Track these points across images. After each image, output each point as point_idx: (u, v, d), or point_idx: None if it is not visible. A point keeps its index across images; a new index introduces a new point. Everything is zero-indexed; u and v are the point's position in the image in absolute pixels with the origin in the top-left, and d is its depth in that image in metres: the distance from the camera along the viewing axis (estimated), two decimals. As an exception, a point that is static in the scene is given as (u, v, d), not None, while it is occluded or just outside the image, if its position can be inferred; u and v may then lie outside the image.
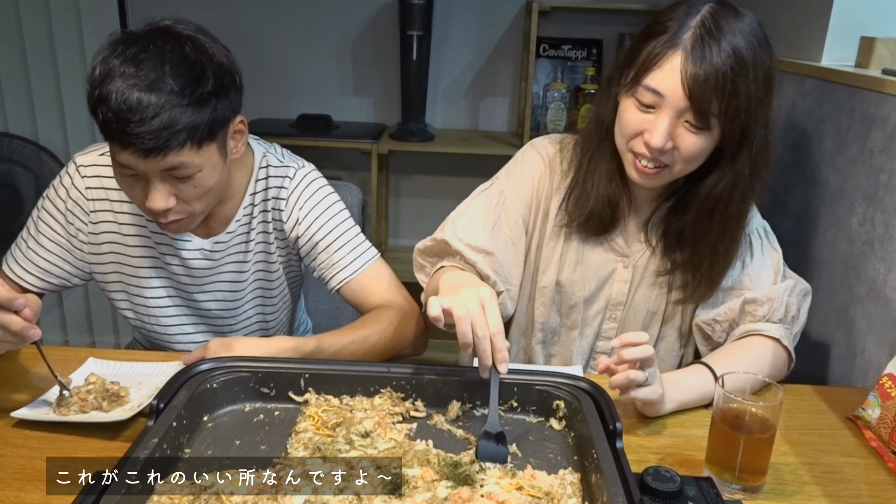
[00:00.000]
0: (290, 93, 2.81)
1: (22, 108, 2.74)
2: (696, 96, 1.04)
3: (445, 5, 2.69)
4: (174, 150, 1.05)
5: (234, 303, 1.35)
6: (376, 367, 1.06)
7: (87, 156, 1.27)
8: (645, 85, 1.08)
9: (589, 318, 1.31)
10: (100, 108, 1.03)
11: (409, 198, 2.97)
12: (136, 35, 1.07)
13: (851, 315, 1.42)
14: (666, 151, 1.10)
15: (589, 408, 0.96)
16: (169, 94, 1.03)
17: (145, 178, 1.09)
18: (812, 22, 1.69)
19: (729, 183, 1.14)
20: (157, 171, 1.07)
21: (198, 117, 1.05)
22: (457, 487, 0.85)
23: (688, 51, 1.05)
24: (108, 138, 1.06)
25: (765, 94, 1.09)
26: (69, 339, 2.99)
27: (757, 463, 0.92)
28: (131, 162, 1.06)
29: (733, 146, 1.12)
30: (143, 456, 0.83)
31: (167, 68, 1.03)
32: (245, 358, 1.06)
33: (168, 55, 1.04)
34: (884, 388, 1.06)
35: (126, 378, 1.10)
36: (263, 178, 1.29)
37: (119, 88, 1.01)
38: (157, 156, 1.04)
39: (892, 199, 1.31)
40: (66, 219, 1.27)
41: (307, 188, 1.29)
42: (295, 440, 0.95)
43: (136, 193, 1.12)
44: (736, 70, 1.04)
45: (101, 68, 1.04)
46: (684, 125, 1.08)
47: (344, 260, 1.29)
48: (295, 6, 2.72)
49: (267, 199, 1.29)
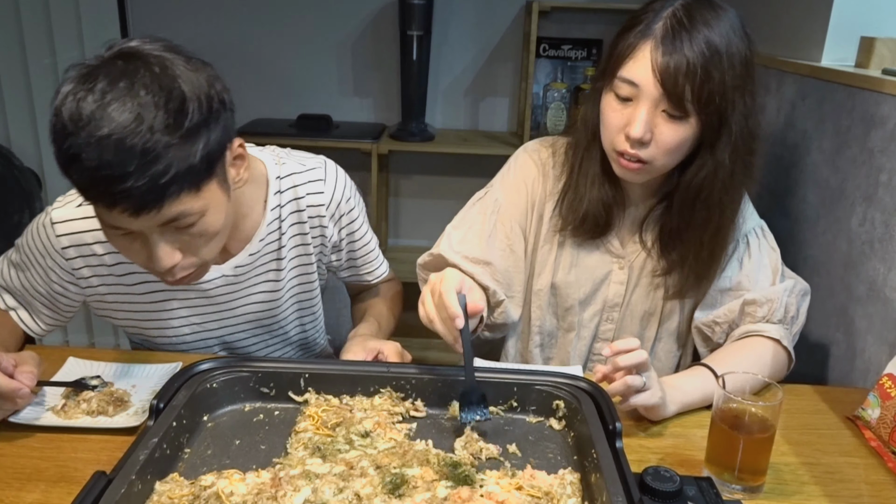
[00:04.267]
0: (290, 93, 2.81)
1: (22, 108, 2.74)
2: (669, 83, 1.05)
3: (445, 5, 2.69)
4: (170, 201, 0.90)
5: (270, 318, 1.27)
6: (376, 367, 1.06)
7: (62, 209, 1.13)
8: (620, 76, 1.09)
9: (585, 320, 1.31)
10: (72, 168, 0.87)
11: (409, 198, 2.97)
12: (99, 67, 0.88)
13: (851, 315, 1.42)
14: (646, 142, 1.10)
15: (589, 408, 0.96)
16: (152, 136, 0.86)
17: (142, 235, 0.95)
18: (812, 22, 1.69)
19: (710, 171, 1.14)
20: (153, 226, 0.92)
21: (190, 156, 0.89)
22: (456, 487, 0.85)
23: (658, 39, 1.06)
24: (89, 200, 0.92)
25: (742, 82, 1.09)
26: (69, 339, 2.99)
27: (757, 463, 0.92)
28: (122, 222, 0.91)
29: (711, 134, 1.12)
30: (142, 456, 0.83)
31: (143, 105, 0.86)
32: (245, 358, 1.07)
33: (141, 89, 0.87)
34: (884, 388, 1.06)
35: (109, 379, 1.10)
36: (290, 188, 1.19)
37: (91, 141, 0.84)
38: (152, 211, 0.89)
39: (892, 199, 1.31)
40: (48, 275, 1.16)
41: (345, 188, 1.25)
42: (295, 440, 0.95)
43: (134, 254, 0.99)
44: (707, 56, 1.05)
45: (65, 117, 0.86)
46: (662, 115, 1.08)
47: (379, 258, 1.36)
48: (295, 6, 2.72)
49: (301, 209, 1.20)
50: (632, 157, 1.11)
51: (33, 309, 1.21)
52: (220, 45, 2.78)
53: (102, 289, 1.18)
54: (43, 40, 2.66)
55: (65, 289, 1.18)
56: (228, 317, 1.24)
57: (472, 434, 0.97)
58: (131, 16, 2.76)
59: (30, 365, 0.99)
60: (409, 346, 1.28)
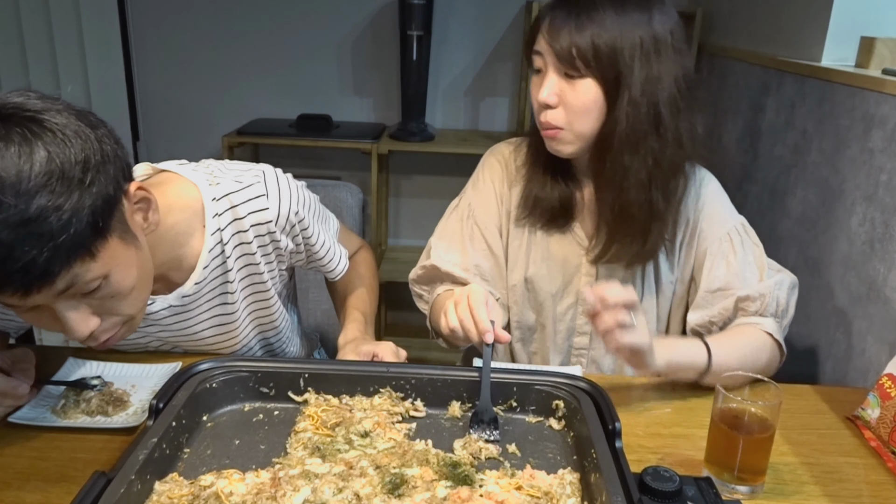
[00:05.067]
0: (290, 93, 2.81)
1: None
2: (557, 43, 1.12)
3: (445, 5, 2.69)
4: (60, 276, 0.81)
5: (230, 341, 1.23)
6: (376, 367, 1.06)
7: None
8: (534, 51, 1.17)
9: (560, 313, 1.32)
10: None
11: (409, 198, 2.97)
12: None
13: (851, 315, 1.42)
14: (553, 106, 1.15)
15: (588, 407, 0.96)
16: (18, 209, 0.75)
17: (47, 307, 0.86)
18: (812, 22, 1.69)
19: (609, 130, 1.16)
20: (52, 299, 0.84)
21: (73, 219, 0.79)
22: (456, 487, 0.85)
23: (553, 9, 1.14)
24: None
25: (640, 42, 1.12)
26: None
27: (756, 463, 0.92)
28: (16, 302, 0.83)
29: (611, 94, 1.14)
30: (142, 456, 0.83)
31: (11, 177, 0.75)
32: (245, 358, 1.07)
33: (16, 154, 0.76)
34: (883, 388, 1.06)
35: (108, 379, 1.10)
36: (228, 209, 1.10)
37: None
38: (42, 289, 0.81)
39: (892, 199, 1.31)
40: None
41: (291, 199, 1.15)
42: (294, 440, 0.95)
43: (47, 324, 0.90)
44: (593, 16, 1.11)
45: None
46: (565, 78, 1.14)
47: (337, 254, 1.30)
48: (295, 6, 2.72)
49: (244, 229, 1.12)
50: (548, 124, 1.17)
51: None
52: (220, 44, 2.79)
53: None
54: (43, 39, 2.66)
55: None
56: (185, 339, 1.20)
57: (471, 434, 0.97)
58: (131, 16, 2.76)
59: (25, 362, 0.99)
60: (409, 346, 1.28)
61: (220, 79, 2.83)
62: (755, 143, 1.95)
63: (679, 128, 1.17)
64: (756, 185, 1.93)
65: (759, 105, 1.93)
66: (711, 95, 2.37)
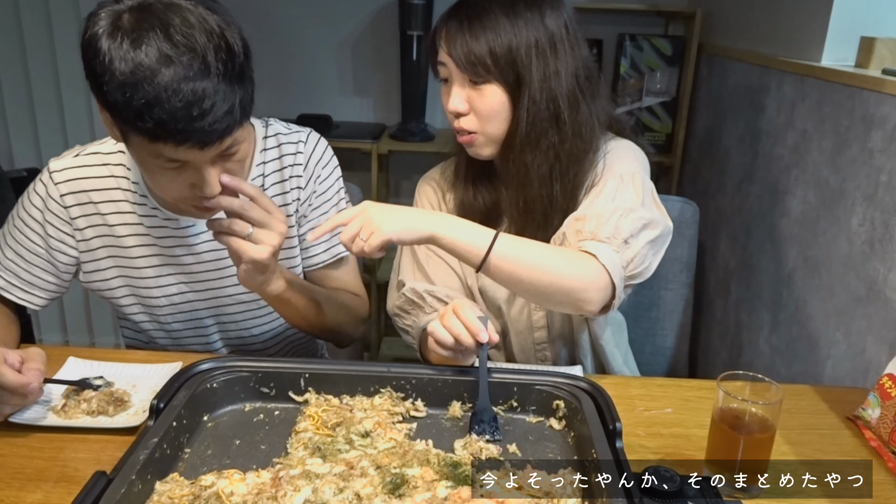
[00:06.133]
0: (290, 93, 2.81)
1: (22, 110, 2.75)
2: (455, 52, 1.15)
3: (445, 5, 2.68)
4: (232, 135, 0.99)
5: None
6: (376, 367, 1.06)
7: (61, 160, 1.19)
8: (438, 62, 1.19)
9: (515, 315, 1.32)
10: (146, 115, 0.92)
11: (409, 198, 2.94)
12: (138, 19, 0.93)
13: (851, 315, 1.42)
14: (463, 113, 1.18)
15: (589, 407, 0.96)
16: (219, 78, 0.94)
17: (191, 166, 1.00)
18: (812, 22, 1.69)
19: (513, 128, 1.18)
20: (209, 158, 1.00)
21: (243, 91, 0.98)
22: (457, 487, 0.85)
23: (446, 20, 1.18)
24: (155, 139, 0.95)
25: (535, 42, 1.14)
26: (69, 339, 2.99)
27: (756, 463, 0.92)
28: (181, 155, 0.97)
29: (515, 93, 1.16)
30: (143, 456, 0.83)
31: (204, 50, 0.93)
32: (245, 358, 1.07)
33: (193, 36, 0.93)
34: (884, 388, 1.06)
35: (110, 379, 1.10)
36: (275, 147, 1.26)
37: (166, 84, 0.90)
38: (215, 143, 0.97)
39: (892, 199, 1.31)
40: (46, 230, 1.20)
41: (326, 150, 1.30)
42: (295, 440, 0.95)
43: (176, 185, 1.03)
44: (485, 22, 1.13)
45: (126, 68, 0.91)
46: (470, 84, 1.17)
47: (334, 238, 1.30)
48: (295, 6, 2.72)
49: (283, 167, 1.25)
50: (462, 131, 1.20)
51: (30, 280, 1.22)
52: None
53: (96, 241, 1.21)
54: (43, 40, 2.66)
55: (62, 243, 1.21)
56: (215, 278, 1.26)
57: (472, 435, 0.97)
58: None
59: (36, 361, 0.99)
60: (409, 346, 1.28)
61: (220, 79, 2.82)
62: (755, 143, 1.95)
63: (579, 120, 1.18)
64: (756, 185, 1.93)
65: (759, 105, 1.93)
66: (711, 95, 2.37)
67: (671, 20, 2.65)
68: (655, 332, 1.66)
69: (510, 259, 1.06)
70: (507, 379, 1.04)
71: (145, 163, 1.03)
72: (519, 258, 1.06)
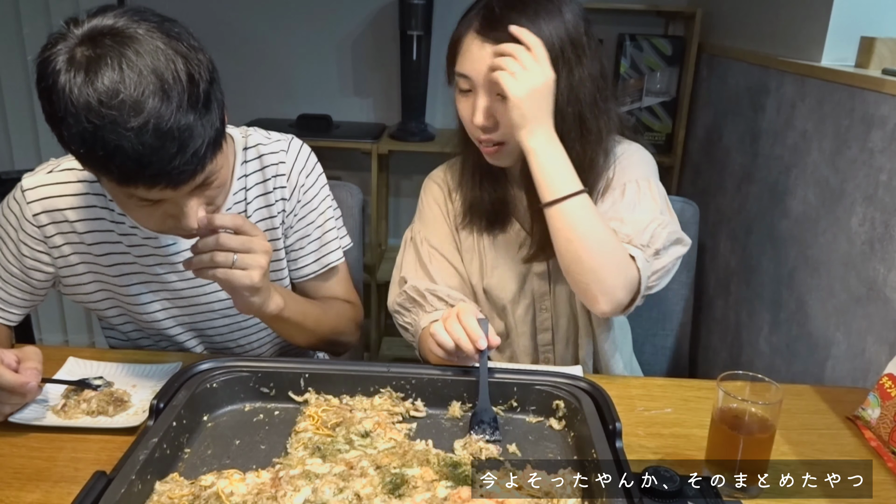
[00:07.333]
0: (290, 93, 2.81)
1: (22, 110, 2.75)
2: (482, 65, 1.11)
3: (445, 5, 2.69)
4: (205, 167, 0.94)
5: None
6: (376, 367, 1.06)
7: (34, 176, 1.14)
8: (457, 72, 1.16)
9: (520, 316, 1.32)
10: (110, 164, 0.87)
11: (409, 198, 2.97)
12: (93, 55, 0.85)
13: (851, 315, 1.42)
14: (490, 128, 1.15)
15: (589, 407, 0.96)
16: (184, 115, 0.87)
17: (169, 201, 0.96)
18: (812, 22, 1.69)
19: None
20: (186, 192, 0.95)
21: (211, 119, 0.92)
22: (456, 487, 0.85)
23: (475, 29, 1.12)
24: (124, 183, 0.90)
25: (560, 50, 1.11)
26: (69, 339, 2.99)
27: (756, 463, 0.92)
28: (155, 195, 0.93)
29: None
30: (142, 456, 0.83)
31: (165, 86, 0.86)
32: (245, 358, 1.07)
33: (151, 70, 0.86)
34: (884, 388, 1.06)
35: (110, 379, 1.10)
36: (255, 158, 1.21)
37: (131, 128, 0.84)
38: (190, 181, 0.92)
39: (892, 199, 1.31)
40: (20, 250, 1.15)
41: (308, 158, 1.26)
42: (295, 440, 0.95)
43: (154, 220, 1.00)
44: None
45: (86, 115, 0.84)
46: (498, 98, 1.13)
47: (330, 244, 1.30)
48: (295, 6, 2.72)
49: (266, 179, 1.21)
50: (487, 142, 1.18)
51: (5, 299, 1.19)
52: (219, 45, 2.78)
53: (74, 257, 1.17)
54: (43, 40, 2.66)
55: (38, 261, 1.16)
56: (198, 294, 1.23)
57: (472, 435, 0.97)
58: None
59: (33, 361, 0.99)
60: (410, 345, 1.28)
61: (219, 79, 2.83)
62: (755, 143, 1.95)
63: (599, 125, 1.18)
64: (756, 185, 1.93)
65: (759, 105, 1.93)
66: (711, 95, 2.37)
67: (671, 20, 2.65)
68: (655, 331, 1.66)
69: (574, 219, 1.09)
70: (507, 379, 1.04)
71: (119, 199, 0.99)
72: (581, 223, 1.09)
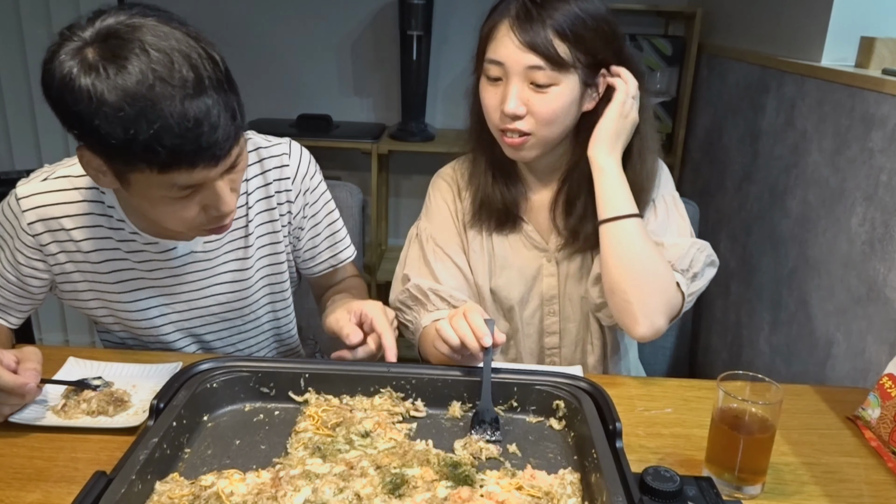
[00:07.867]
0: (290, 93, 2.81)
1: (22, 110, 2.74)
2: (527, 57, 1.10)
3: (445, 5, 2.69)
4: (238, 141, 0.96)
5: (240, 302, 1.26)
6: (376, 367, 1.06)
7: (28, 184, 1.13)
8: (488, 59, 1.15)
9: (527, 317, 1.32)
10: (156, 145, 0.88)
11: (409, 198, 2.97)
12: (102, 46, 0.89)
13: (851, 315, 1.42)
14: (521, 116, 1.14)
15: (589, 408, 0.96)
16: (216, 87, 0.91)
17: (201, 188, 0.97)
18: (812, 22, 1.69)
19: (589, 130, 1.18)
20: (220, 173, 0.97)
21: (236, 97, 0.96)
22: (456, 487, 0.85)
23: (513, 17, 1.12)
24: (166, 169, 0.91)
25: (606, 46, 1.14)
26: (69, 339, 2.99)
27: (757, 463, 0.92)
28: (195, 178, 0.94)
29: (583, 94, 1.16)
30: (143, 456, 0.83)
31: (189, 61, 0.90)
32: (245, 358, 1.07)
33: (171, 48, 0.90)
34: (884, 388, 1.06)
35: (110, 379, 1.10)
36: (256, 162, 1.21)
37: (171, 110, 0.87)
38: (227, 156, 0.95)
39: (892, 199, 1.31)
40: (16, 258, 1.15)
41: (310, 161, 1.27)
42: (295, 440, 0.95)
43: (188, 212, 1.00)
44: (562, 27, 1.10)
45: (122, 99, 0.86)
46: (531, 87, 1.12)
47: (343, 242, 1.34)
48: (295, 6, 2.72)
49: (268, 182, 1.22)
50: (513, 131, 1.16)
51: (3, 304, 1.19)
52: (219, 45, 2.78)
53: (69, 266, 1.16)
54: (43, 40, 2.66)
55: (34, 269, 1.16)
56: (197, 297, 1.23)
57: (472, 435, 0.97)
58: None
59: (33, 361, 0.99)
60: (409, 345, 1.28)
61: (220, 79, 2.83)
62: (755, 143, 1.95)
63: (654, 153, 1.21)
64: (756, 185, 1.93)
65: (759, 105, 1.93)
66: (711, 95, 2.37)
67: (671, 20, 2.65)
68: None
69: (630, 238, 1.11)
70: (507, 379, 1.04)
71: (151, 198, 0.98)
72: (635, 243, 1.11)
